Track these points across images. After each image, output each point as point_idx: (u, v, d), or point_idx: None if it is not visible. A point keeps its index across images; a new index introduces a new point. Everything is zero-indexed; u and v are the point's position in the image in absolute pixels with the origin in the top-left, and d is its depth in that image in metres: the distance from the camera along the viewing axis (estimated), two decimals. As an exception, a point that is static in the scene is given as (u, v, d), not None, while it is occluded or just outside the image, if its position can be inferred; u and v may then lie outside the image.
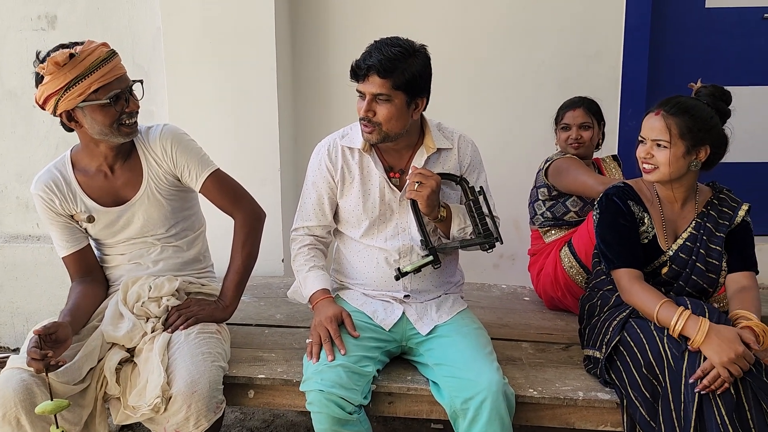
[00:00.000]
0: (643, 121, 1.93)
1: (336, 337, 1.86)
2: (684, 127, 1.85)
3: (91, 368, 1.88)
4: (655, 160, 1.88)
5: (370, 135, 1.92)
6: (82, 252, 2.06)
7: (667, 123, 1.86)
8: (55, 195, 1.99)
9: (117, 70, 1.88)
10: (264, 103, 2.93)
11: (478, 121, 3.19)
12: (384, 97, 1.85)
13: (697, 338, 1.72)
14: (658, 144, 1.87)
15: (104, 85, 1.84)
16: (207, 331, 1.97)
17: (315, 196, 2.06)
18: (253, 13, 2.86)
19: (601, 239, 1.98)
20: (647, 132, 1.90)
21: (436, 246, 1.99)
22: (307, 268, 2.05)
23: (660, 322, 1.80)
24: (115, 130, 1.90)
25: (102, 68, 1.83)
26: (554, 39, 3.11)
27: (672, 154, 1.86)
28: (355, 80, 1.87)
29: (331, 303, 1.97)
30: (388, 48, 1.84)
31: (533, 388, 1.92)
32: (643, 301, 1.84)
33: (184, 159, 2.03)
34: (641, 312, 1.87)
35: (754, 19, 3.14)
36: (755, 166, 3.27)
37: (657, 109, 1.90)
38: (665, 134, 1.86)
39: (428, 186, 1.89)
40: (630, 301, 1.90)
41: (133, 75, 3.04)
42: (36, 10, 3.07)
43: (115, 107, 1.87)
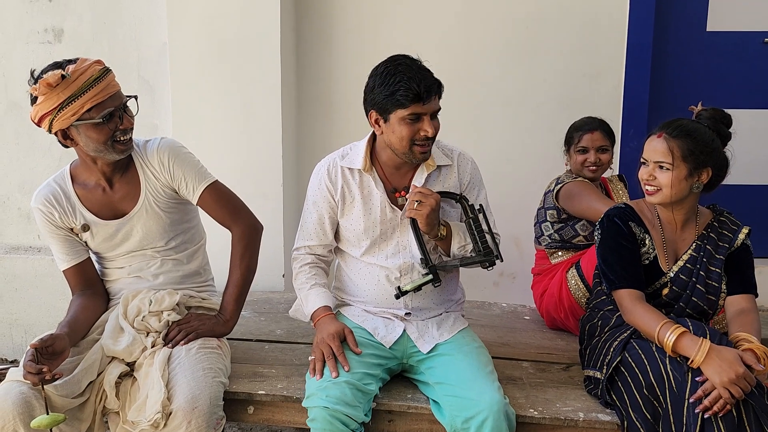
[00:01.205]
0: (645, 144, 1.95)
1: (339, 354, 1.86)
2: (686, 150, 1.86)
3: (91, 382, 1.88)
4: (657, 182, 1.89)
5: (425, 153, 1.94)
6: (83, 265, 2.07)
7: (669, 145, 1.87)
8: (54, 209, 2.00)
9: (110, 88, 1.88)
10: (267, 118, 2.94)
11: (480, 139, 3.21)
12: (438, 111, 1.92)
13: (697, 358, 1.72)
14: (660, 166, 1.89)
15: (97, 104, 1.84)
16: (208, 346, 1.96)
17: (316, 215, 2.07)
18: (259, 29, 2.88)
19: (603, 260, 1.99)
20: (650, 154, 1.91)
21: (436, 264, 1.99)
22: (309, 286, 2.05)
23: (660, 343, 1.80)
24: (110, 147, 1.91)
25: (94, 87, 1.84)
26: (556, 58, 3.13)
27: (674, 177, 1.87)
28: (416, 103, 1.85)
29: (333, 320, 1.97)
30: (421, 67, 1.90)
31: (534, 408, 1.92)
32: (644, 321, 1.85)
33: (181, 171, 2.03)
34: (643, 332, 1.87)
35: (755, 43, 3.17)
36: (756, 189, 3.29)
37: (659, 132, 1.91)
38: (668, 156, 1.87)
39: (428, 205, 1.90)
40: (632, 321, 1.90)
41: (139, 89, 3.12)
42: (43, 24, 3.09)
43: (108, 125, 1.87)
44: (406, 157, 1.94)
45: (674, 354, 1.77)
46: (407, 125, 1.88)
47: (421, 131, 1.88)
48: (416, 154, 1.93)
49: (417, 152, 1.92)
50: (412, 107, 1.85)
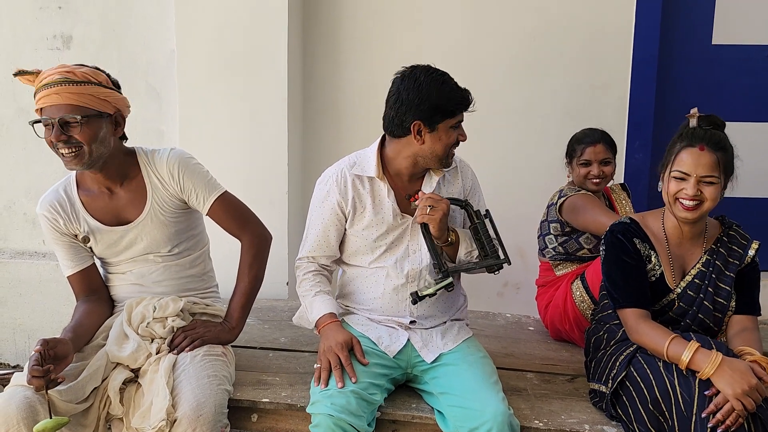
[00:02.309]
0: (681, 156, 1.84)
1: (347, 365, 1.85)
2: (726, 162, 1.84)
3: (95, 388, 1.87)
4: (703, 197, 1.83)
5: (451, 159, 2.02)
6: (87, 271, 2.07)
7: (717, 158, 1.81)
8: (59, 215, 2.00)
9: (54, 98, 1.84)
10: (273, 126, 2.95)
11: (486, 150, 3.21)
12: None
13: (707, 370, 1.70)
14: (707, 181, 1.82)
15: (41, 108, 1.88)
16: (213, 354, 1.96)
17: (321, 227, 2.07)
18: (266, 38, 2.90)
19: (607, 277, 1.97)
20: (693, 168, 1.81)
21: (449, 268, 2.00)
22: (313, 293, 2.05)
23: (670, 359, 1.78)
24: (57, 154, 1.92)
25: (43, 92, 1.85)
26: (562, 70, 3.14)
27: (720, 189, 1.84)
28: (462, 111, 1.97)
29: (339, 327, 1.97)
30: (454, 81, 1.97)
31: (539, 420, 1.91)
32: (651, 339, 1.82)
33: (192, 183, 2.04)
34: (650, 351, 1.85)
35: (760, 56, 3.17)
36: (760, 202, 3.28)
37: (698, 144, 1.83)
38: (716, 170, 1.81)
39: (440, 209, 1.93)
40: (638, 340, 1.87)
41: (146, 95, 3.13)
42: (52, 30, 3.11)
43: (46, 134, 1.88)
44: (442, 163, 2.00)
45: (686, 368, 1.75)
46: (451, 132, 1.96)
47: (460, 137, 1.98)
48: (450, 159, 2.01)
49: (450, 158, 2.01)
50: (459, 115, 1.95)
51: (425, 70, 1.93)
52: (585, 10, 3.10)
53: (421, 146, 1.95)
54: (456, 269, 2.03)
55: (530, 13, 3.12)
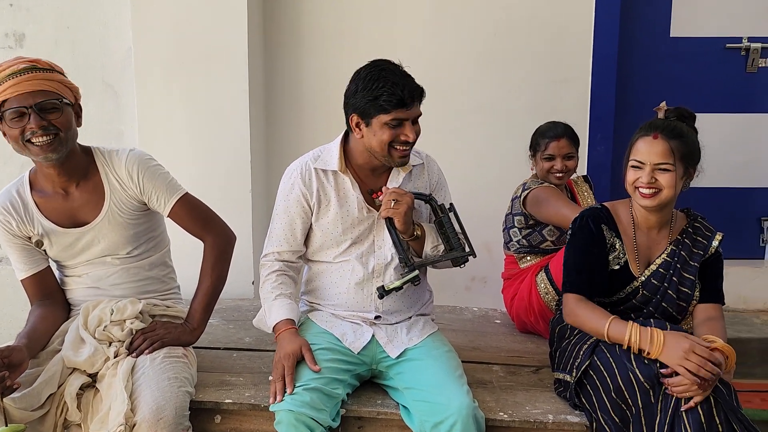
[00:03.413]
0: (637, 145, 1.89)
1: (288, 375, 1.82)
2: (684, 150, 1.86)
3: (51, 394, 1.82)
4: (659, 184, 1.86)
5: (405, 158, 1.96)
6: (41, 274, 2.02)
7: (670, 146, 1.84)
8: (12, 217, 1.95)
9: (25, 86, 1.80)
10: (236, 124, 2.92)
11: (452, 146, 3.22)
12: (418, 117, 1.94)
13: (654, 349, 1.75)
14: (661, 168, 1.85)
15: (7, 99, 1.80)
16: (173, 355, 1.93)
17: (286, 220, 2.04)
18: (226, 33, 2.86)
19: (566, 259, 2.01)
20: (647, 156, 1.86)
21: (415, 263, 1.99)
22: (273, 297, 2.01)
23: (611, 339, 1.82)
24: (24, 148, 1.85)
25: (7, 82, 1.79)
26: (526, 66, 3.16)
27: (676, 177, 1.86)
28: (399, 108, 1.88)
29: (293, 336, 1.94)
30: (408, 76, 1.92)
31: (504, 412, 1.92)
32: (591, 320, 1.87)
33: (152, 185, 2.00)
34: (590, 332, 1.88)
35: (717, 48, 3.23)
36: (720, 192, 3.35)
37: (653, 133, 1.87)
38: (670, 157, 1.84)
39: (404, 203, 1.92)
40: (577, 322, 1.91)
41: (103, 94, 3.06)
42: (3, 29, 3.03)
43: (17, 124, 1.81)
44: (385, 160, 1.95)
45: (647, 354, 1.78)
46: (389, 130, 1.89)
47: (402, 136, 1.90)
48: (395, 158, 1.94)
49: (396, 156, 1.94)
50: (395, 112, 1.87)
51: (377, 64, 1.91)
52: (547, 7, 3.13)
53: (361, 140, 1.94)
54: (422, 263, 2.02)
55: (494, 10, 3.14)
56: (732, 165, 3.34)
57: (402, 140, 1.91)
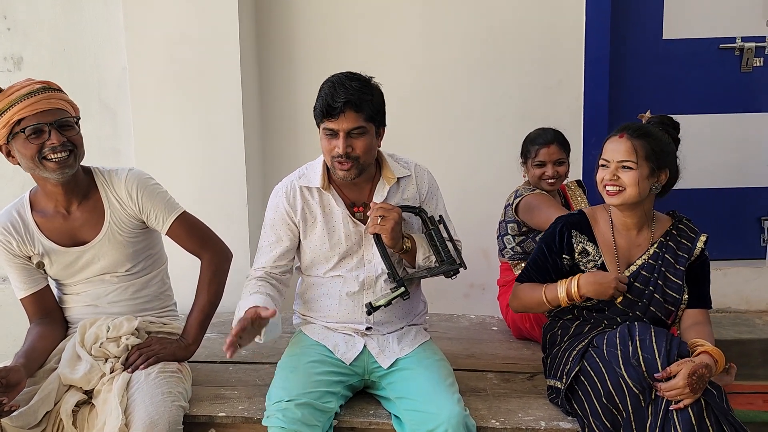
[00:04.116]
0: (605, 145, 1.96)
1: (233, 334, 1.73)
2: (649, 149, 1.89)
3: (47, 412, 1.85)
4: (621, 182, 1.90)
5: (347, 172, 1.93)
6: (41, 293, 2.05)
7: (633, 144, 1.89)
8: (12, 237, 1.98)
9: (44, 104, 1.86)
10: (230, 140, 2.94)
11: (445, 154, 3.24)
12: (360, 130, 1.89)
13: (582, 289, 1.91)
14: (624, 166, 1.90)
15: (25, 117, 1.84)
16: (168, 370, 1.95)
17: (274, 238, 2.06)
18: (218, 52, 2.89)
19: (532, 255, 2.10)
20: (612, 155, 1.92)
21: (403, 277, 2.00)
22: (248, 294, 1.99)
23: (550, 302, 1.96)
24: (39, 165, 1.88)
25: (25, 101, 1.83)
26: (517, 72, 3.17)
27: (639, 175, 1.89)
28: (328, 118, 1.88)
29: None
30: (350, 83, 1.88)
31: (495, 419, 1.92)
32: (529, 294, 2.01)
33: (150, 203, 2.03)
34: (534, 306, 2.04)
35: (710, 49, 3.23)
36: (717, 192, 3.34)
37: (620, 133, 1.93)
38: (632, 155, 1.88)
39: (391, 219, 1.91)
40: (520, 302, 2.06)
41: (100, 114, 3.10)
42: (2, 52, 3.08)
43: (34, 141, 1.85)
44: (333, 173, 1.97)
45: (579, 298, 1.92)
46: (326, 139, 1.92)
47: (335, 148, 1.90)
48: (336, 170, 1.94)
49: (336, 169, 1.94)
50: (326, 122, 1.89)
51: (330, 76, 1.94)
52: (536, 12, 3.14)
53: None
54: (410, 277, 2.02)
55: (484, 16, 3.15)
56: (730, 165, 3.33)
57: (336, 152, 1.90)
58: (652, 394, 1.75)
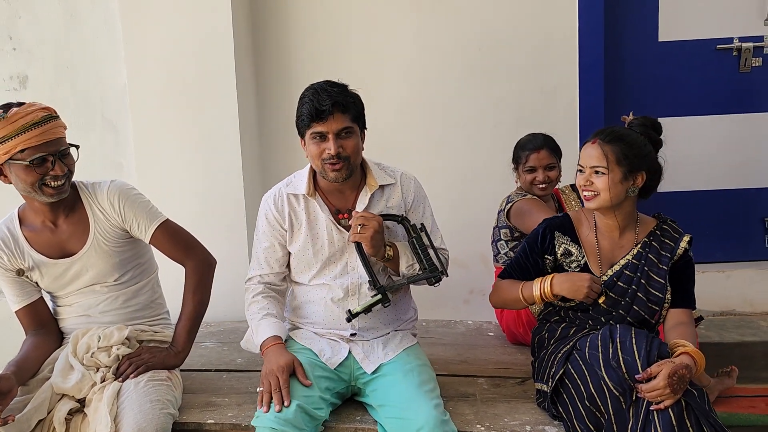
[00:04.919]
0: (581, 151, 1.99)
1: (284, 388, 1.84)
2: (620, 154, 1.91)
3: (41, 420, 1.90)
4: (594, 187, 1.93)
5: (339, 172, 1.96)
6: (34, 305, 2.11)
7: (603, 150, 1.91)
8: (3, 252, 2.04)
9: (48, 134, 1.92)
10: (227, 151, 3.00)
11: (441, 160, 3.26)
12: (348, 130, 1.95)
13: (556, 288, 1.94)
14: (596, 171, 1.92)
15: (30, 147, 1.89)
16: (157, 378, 1.99)
17: (267, 244, 2.10)
18: (214, 66, 2.95)
19: (515, 254, 2.13)
20: (585, 160, 1.95)
21: (384, 285, 2.02)
22: (260, 317, 2.05)
23: (526, 300, 2.00)
24: (38, 190, 1.95)
25: (31, 131, 1.89)
26: (511, 78, 3.18)
27: (610, 180, 1.91)
28: (317, 121, 1.92)
29: (282, 350, 1.97)
30: (331, 88, 1.95)
31: (481, 424, 1.93)
32: (507, 291, 2.06)
33: (133, 213, 2.08)
34: (511, 303, 2.08)
35: (707, 50, 3.21)
36: (719, 194, 3.30)
37: (593, 139, 1.96)
38: (603, 161, 1.91)
39: (370, 227, 1.93)
40: (498, 298, 2.12)
41: (103, 128, 3.17)
42: (8, 71, 3.18)
43: (37, 169, 1.92)
44: (324, 176, 2.00)
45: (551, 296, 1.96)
46: (314, 144, 1.95)
47: (326, 150, 1.93)
48: (328, 173, 1.97)
49: (328, 171, 1.97)
50: (314, 126, 1.93)
51: (310, 85, 1.98)
52: (530, 18, 3.15)
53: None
54: (391, 286, 2.03)
55: (477, 23, 3.17)
56: (732, 166, 3.30)
57: (326, 155, 1.94)
58: (633, 395, 1.75)
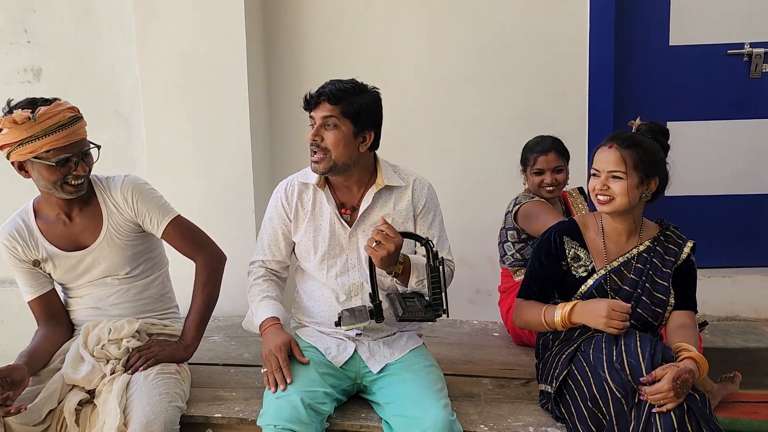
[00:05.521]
0: (596, 155, 1.99)
1: (285, 366, 1.90)
2: (637, 159, 1.91)
3: (51, 410, 1.93)
4: (611, 192, 1.93)
5: (318, 164, 1.99)
6: (46, 296, 2.14)
7: (622, 155, 1.92)
8: (18, 243, 2.08)
9: (73, 135, 1.96)
10: (238, 147, 3.02)
11: (451, 161, 3.27)
12: (332, 121, 1.95)
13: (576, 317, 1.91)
14: (614, 176, 1.92)
15: (56, 148, 1.93)
16: (166, 372, 2.02)
17: (271, 231, 2.14)
18: (225, 61, 2.97)
19: (529, 266, 2.12)
20: (602, 164, 1.95)
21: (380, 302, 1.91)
22: (260, 299, 2.09)
23: (548, 325, 1.97)
24: (59, 188, 1.99)
25: (57, 133, 1.92)
26: (521, 79, 3.19)
27: (628, 185, 1.91)
28: (308, 109, 1.98)
29: (279, 330, 2.00)
30: (340, 82, 1.99)
31: (485, 424, 1.95)
32: (530, 313, 2.02)
33: (145, 207, 2.11)
34: (535, 326, 2.03)
35: (718, 54, 3.21)
36: (728, 199, 3.31)
37: (609, 143, 1.96)
38: (621, 165, 1.91)
39: (386, 249, 1.82)
40: (522, 321, 2.07)
41: (115, 123, 3.20)
42: (22, 64, 3.21)
43: (61, 169, 1.96)
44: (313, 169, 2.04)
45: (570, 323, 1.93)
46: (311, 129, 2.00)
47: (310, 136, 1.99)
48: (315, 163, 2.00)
49: (310, 159, 2.01)
50: (309, 114, 1.99)
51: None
52: (540, 20, 3.16)
53: None
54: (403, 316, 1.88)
55: (489, 25, 3.18)
56: (740, 171, 3.31)
57: (310, 141, 1.99)
58: (635, 398, 1.77)
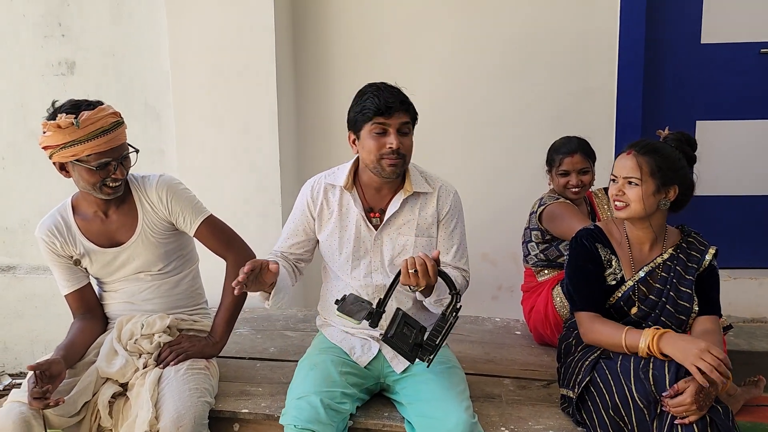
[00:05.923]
0: (616, 161, 2.01)
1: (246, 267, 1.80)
2: (654, 166, 1.92)
3: (86, 402, 2.01)
4: (626, 198, 1.94)
5: (394, 167, 2.00)
6: (82, 290, 2.21)
7: (638, 161, 1.93)
8: (56, 238, 2.14)
9: (115, 141, 2.01)
10: (265, 141, 3.06)
11: (476, 158, 3.28)
12: (408, 126, 2.01)
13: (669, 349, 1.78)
14: (629, 182, 1.94)
15: (97, 152, 1.98)
16: (196, 367, 2.08)
17: (293, 226, 2.18)
18: (255, 57, 3.01)
19: (569, 280, 2.06)
20: (619, 170, 1.97)
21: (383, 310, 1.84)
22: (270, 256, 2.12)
23: (629, 349, 1.87)
24: (97, 189, 2.05)
25: (99, 138, 1.98)
26: (549, 77, 3.18)
27: (643, 192, 1.92)
28: (383, 116, 1.97)
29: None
30: (393, 89, 2.01)
31: (506, 427, 1.97)
32: (607, 334, 1.93)
33: (179, 207, 2.16)
34: (608, 346, 1.93)
35: (751, 53, 3.17)
36: (753, 200, 3.27)
37: (628, 150, 1.98)
38: (636, 172, 1.92)
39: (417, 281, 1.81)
40: (594, 339, 1.96)
41: (145, 116, 3.26)
42: (56, 57, 3.27)
43: (100, 172, 2.01)
44: (377, 172, 2.02)
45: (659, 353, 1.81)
46: (374, 139, 1.98)
47: (387, 144, 1.97)
48: (385, 168, 2.00)
49: (385, 166, 2.00)
50: (376, 119, 1.97)
51: (369, 84, 2.03)
52: (569, 17, 3.14)
53: (359, 155, 2.05)
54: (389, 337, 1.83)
55: (515, 22, 3.18)
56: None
57: (387, 149, 1.97)
58: (658, 408, 1.78)
